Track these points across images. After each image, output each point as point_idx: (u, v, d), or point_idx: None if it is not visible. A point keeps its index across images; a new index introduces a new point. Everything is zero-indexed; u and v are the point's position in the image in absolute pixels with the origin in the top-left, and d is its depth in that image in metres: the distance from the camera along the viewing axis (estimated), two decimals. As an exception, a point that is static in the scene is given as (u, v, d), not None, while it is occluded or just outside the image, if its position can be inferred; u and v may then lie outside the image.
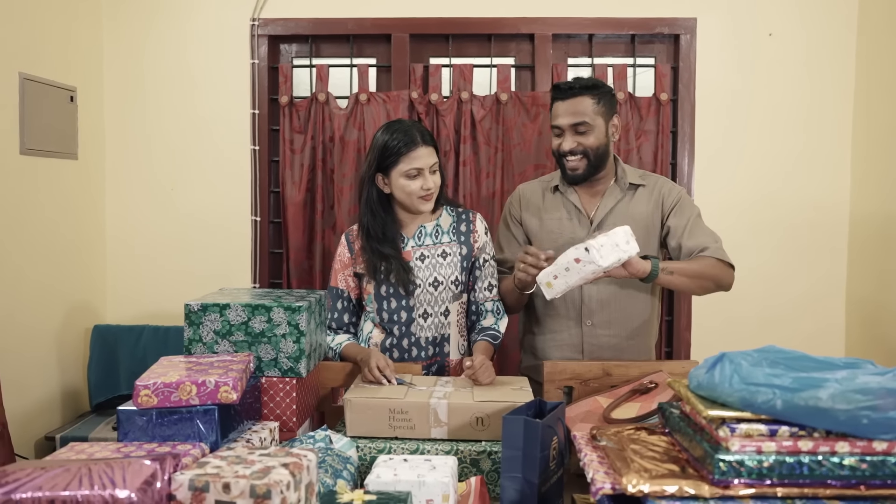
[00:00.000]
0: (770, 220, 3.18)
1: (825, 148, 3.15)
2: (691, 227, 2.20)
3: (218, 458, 1.30)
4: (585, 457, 1.34)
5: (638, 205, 2.24)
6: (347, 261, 2.25)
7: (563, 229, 2.25)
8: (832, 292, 3.19)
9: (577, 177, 2.20)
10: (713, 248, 2.16)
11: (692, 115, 3.16)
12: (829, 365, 1.22)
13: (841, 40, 3.12)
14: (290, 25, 3.15)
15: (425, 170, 2.13)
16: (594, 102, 2.14)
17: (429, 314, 2.21)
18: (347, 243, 2.27)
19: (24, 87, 2.63)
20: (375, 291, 2.21)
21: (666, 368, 1.96)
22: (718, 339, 3.15)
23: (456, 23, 3.14)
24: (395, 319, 2.20)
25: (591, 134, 2.15)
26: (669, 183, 2.30)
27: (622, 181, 2.25)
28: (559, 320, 2.26)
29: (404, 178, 2.13)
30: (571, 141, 2.15)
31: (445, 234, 2.25)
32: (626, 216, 2.21)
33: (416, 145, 2.12)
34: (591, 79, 2.21)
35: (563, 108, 2.15)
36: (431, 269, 2.21)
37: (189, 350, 1.83)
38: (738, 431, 1.14)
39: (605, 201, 2.24)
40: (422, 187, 2.13)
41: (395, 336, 2.21)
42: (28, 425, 2.69)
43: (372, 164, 2.17)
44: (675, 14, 3.13)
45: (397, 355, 2.21)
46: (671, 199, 2.24)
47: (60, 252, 2.90)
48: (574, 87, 2.14)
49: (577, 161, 2.17)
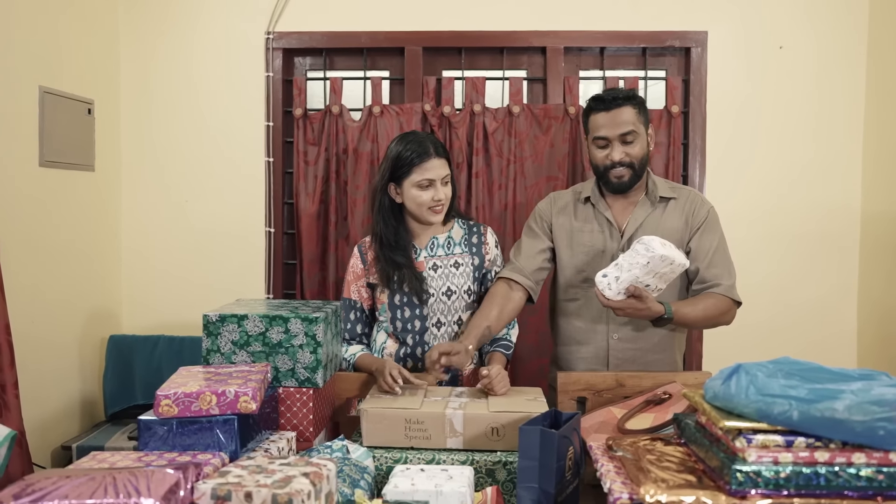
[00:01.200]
0: (780, 230, 3.19)
1: (835, 159, 3.17)
2: (713, 256, 2.21)
3: (239, 468, 1.32)
4: (602, 467, 1.36)
5: (668, 218, 2.24)
6: (360, 272, 2.28)
7: (595, 241, 2.25)
8: (843, 300, 3.20)
9: (623, 186, 2.20)
10: (726, 286, 2.18)
11: (703, 127, 3.17)
12: (843, 376, 1.23)
13: (851, 52, 3.14)
14: (305, 39, 3.19)
15: (437, 181, 2.16)
16: (636, 112, 2.15)
17: (442, 323, 2.24)
18: (360, 254, 2.29)
19: (43, 100, 2.67)
20: (389, 301, 2.24)
21: (679, 379, 1.97)
22: (730, 349, 3.14)
23: (468, 36, 3.17)
24: (408, 329, 2.23)
25: (638, 143, 2.16)
26: (700, 198, 2.29)
27: (653, 193, 2.24)
28: (586, 334, 2.27)
29: (416, 189, 2.16)
30: (620, 151, 2.15)
31: (458, 246, 2.28)
32: (656, 229, 2.20)
33: (428, 156, 2.15)
34: (629, 89, 2.23)
35: (607, 118, 2.15)
36: (444, 278, 2.23)
37: (207, 360, 1.85)
38: (755, 442, 1.15)
39: (637, 214, 2.24)
40: (433, 198, 2.16)
41: (409, 346, 2.23)
42: (44, 435, 2.71)
43: (385, 173, 2.20)
44: (686, 27, 3.15)
45: (411, 365, 2.23)
46: (699, 217, 2.24)
47: (77, 263, 2.93)
48: (618, 98, 2.15)
49: (624, 171, 2.17)
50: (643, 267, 1.89)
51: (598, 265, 2.18)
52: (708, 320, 2.18)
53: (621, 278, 1.91)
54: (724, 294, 2.17)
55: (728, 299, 2.17)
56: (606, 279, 1.93)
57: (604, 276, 1.93)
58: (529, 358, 3.11)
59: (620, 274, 1.91)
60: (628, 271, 1.90)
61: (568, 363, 2.30)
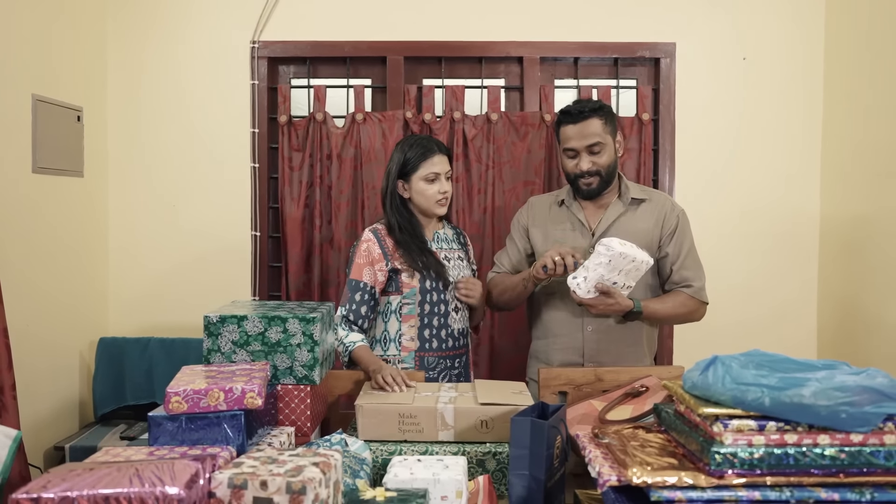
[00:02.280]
0: (745, 233, 3.32)
1: (796, 164, 3.31)
2: (684, 258, 2.38)
3: (251, 459, 1.39)
4: (590, 453, 1.46)
5: (640, 220, 2.37)
6: (378, 255, 2.37)
7: (567, 239, 2.38)
8: (805, 299, 3.33)
9: (592, 192, 2.34)
10: (696, 287, 2.36)
11: (672, 133, 3.30)
12: (809, 366, 1.34)
13: (809, 64, 3.29)
14: (289, 48, 3.25)
15: (441, 175, 2.34)
16: (602, 123, 2.28)
17: (458, 308, 2.43)
18: (377, 239, 2.38)
19: (36, 108, 2.70)
20: (420, 285, 2.36)
21: (654, 373, 2.09)
22: (698, 345, 3.27)
23: (448, 46, 3.26)
24: (435, 311, 2.37)
25: (604, 153, 2.29)
26: (671, 202, 2.43)
27: (625, 196, 2.38)
28: (562, 325, 2.39)
29: (424, 182, 2.34)
30: (587, 161, 2.28)
31: (454, 242, 2.49)
32: (627, 230, 2.33)
33: (433, 153, 2.34)
34: (596, 101, 2.35)
35: (575, 130, 2.28)
36: (457, 269, 2.43)
37: (208, 360, 1.91)
38: (731, 427, 1.26)
39: (608, 214, 2.37)
40: (439, 191, 2.35)
41: (435, 327, 2.38)
42: (37, 435, 2.74)
43: (393, 172, 2.37)
44: (656, 39, 3.28)
45: (435, 345, 2.38)
46: (671, 222, 2.38)
47: (67, 267, 2.96)
48: (584, 111, 2.27)
49: (592, 179, 2.31)
50: (606, 266, 2.09)
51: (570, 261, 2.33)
52: (677, 316, 2.39)
53: (589, 277, 2.11)
54: (693, 295, 2.34)
55: (695, 300, 2.35)
56: (576, 280, 2.13)
57: (573, 277, 2.13)
58: (513, 353, 3.22)
59: (588, 274, 2.11)
60: (594, 270, 2.10)
61: (546, 354, 2.42)
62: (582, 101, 2.33)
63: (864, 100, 2.98)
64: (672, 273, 2.37)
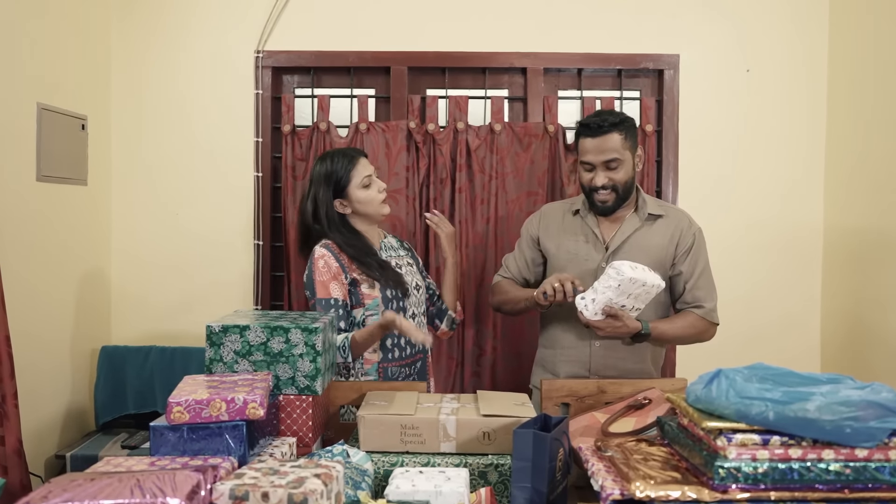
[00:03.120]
0: (749, 244, 3.31)
1: (800, 176, 3.31)
2: (697, 278, 2.34)
3: (253, 470, 1.39)
4: (593, 466, 1.45)
5: (655, 236, 2.33)
6: (337, 269, 2.31)
7: (580, 252, 2.35)
8: (808, 311, 3.32)
9: (607, 209, 2.30)
10: (708, 308, 2.32)
11: (676, 145, 3.30)
12: (812, 380, 1.34)
13: (813, 75, 3.29)
14: (293, 57, 3.26)
15: (373, 175, 2.35)
16: (622, 138, 2.23)
17: (416, 314, 2.41)
18: (332, 254, 2.33)
19: (41, 116, 2.71)
20: (382, 295, 2.33)
21: (657, 386, 2.07)
22: (701, 357, 3.25)
23: (452, 56, 3.27)
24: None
25: (622, 169, 2.24)
26: (688, 220, 2.39)
27: (642, 211, 2.34)
28: (570, 339, 2.37)
29: (362, 190, 2.33)
30: (603, 177, 2.24)
31: (400, 249, 2.50)
32: (641, 246, 2.31)
33: (356, 157, 2.35)
34: (617, 113, 2.28)
35: (594, 144, 2.23)
36: (410, 275, 2.41)
37: (210, 369, 1.90)
38: (735, 441, 1.25)
39: (624, 229, 2.33)
40: (378, 191, 2.35)
41: (396, 335, 2.36)
42: (37, 444, 2.73)
43: (326, 195, 2.34)
44: (660, 50, 3.28)
45: (397, 354, 2.36)
46: (687, 241, 2.34)
47: (70, 276, 2.96)
48: (604, 126, 2.21)
49: (607, 195, 2.27)
50: (615, 290, 2.05)
51: (582, 271, 2.31)
52: (686, 338, 2.35)
53: (597, 300, 2.08)
54: (703, 316, 2.31)
55: (706, 321, 2.32)
56: (584, 301, 2.10)
57: (581, 298, 2.11)
58: (510, 366, 3.21)
59: (596, 296, 2.08)
60: (602, 293, 2.07)
61: (553, 365, 2.41)
62: (603, 114, 2.26)
63: (868, 111, 2.98)
64: (685, 292, 2.34)
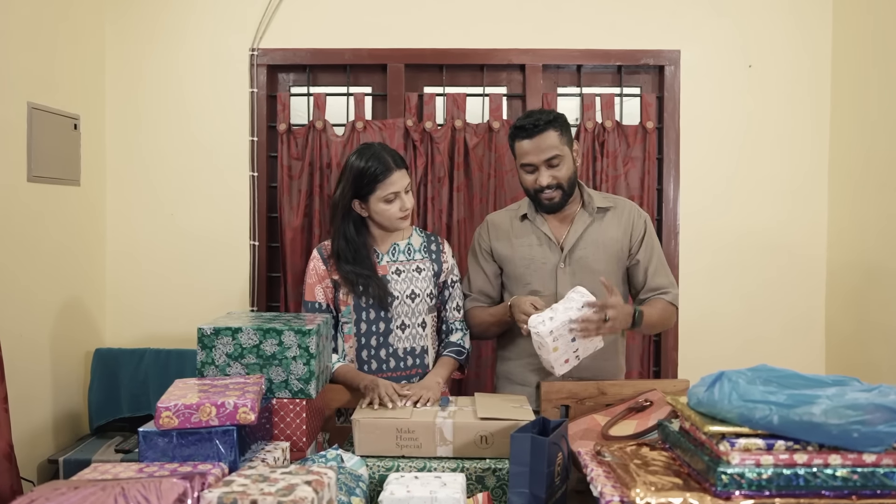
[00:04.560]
0: (751, 242, 3.28)
1: (802, 173, 3.27)
2: (656, 266, 2.33)
3: (242, 477, 1.35)
4: (592, 471, 1.41)
5: (608, 229, 2.32)
6: (323, 272, 2.29)
7: (535, 255, 2.33)
8: (813, 312, 3.29)
9: (554, 206, 2.28)
10: (671, 294, 2.32)
11: (677, 142, 3.26)
12: (818, 382, 1.30)
13: (816, 71, 3.25)
14: (289, 55, 3.23)
15: (401, 192, 2.22)
16: (558, 134, 2.22)
17: (406, 325, 2.28)
18: (321, 256, 2.31)
19: (31, 115, 2.68)
20: (355, 303, 2.26)
21: (658, 387, 2.04)
22: (704, 359, 3.24)
23: (449, 53, 3.24)
24: (372, 330, 2.26)
25: (563, 165, 2.23)
26: (636, 209, 2.38)
27: (589, 206, 2.33)
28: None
29: (383, 203, 2.21)
30: (547, 176, 2.22)
31: (417, 252, 2.35)
32: (597, 242, 2.30)
33: (390, 171, 2.19)
34: (549, 111, 2.27)
35: (532, 145, 2.22)
36: (408, 282, 2.29)
37: (202, 372, 1.87)
38: (738, 446, 1.22)
39: (575, 227, 2.32)
40: (400, 209, 2.23)
41: (373, 346, 2.26)
42: (30, 448, 2.70)
43: (348, 191, 2.23)
44: (660, 46, 3.25)
45: (375, 366, 2.26)
46: (639, 229, 2.34)
47: (63, 277, 2.93)
48: (539, 125, 2.20)
49: (553, 192, 2.25)
50: (577, 311, 2.00)
51: (542, 274, 2.31)
52: (661, 325, 2.32)
53: (555, 318, 2.00)
54: (671, 302, 2.31)
55: (673, 306, 2.32)
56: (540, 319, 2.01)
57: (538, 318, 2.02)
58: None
59: (554, 315, 2.01)
60: (563, 313, 2.00)
61: (522, 376, 2.36)
62: (535, 114, 2.25)
63: (873, 108, 2.94)
64: (647, 280, 2.33)
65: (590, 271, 2.28)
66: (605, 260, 2.30)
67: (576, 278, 2.27)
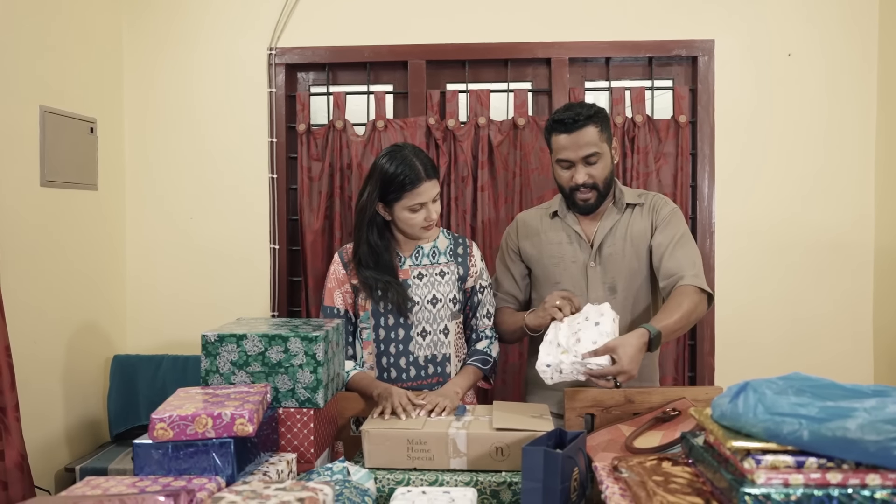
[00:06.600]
0: (792, 241, 3.14)
1: (847, 168, 3.12)
2: (673, 247, 2.16)
3: (233, 493, 1.29)
4: (607, 489, 1.32)
5: (635, 223, 2.24)
6: (343, 277, 2.23)
7: (564, 253, 2.25)
8: (858, 314, 3.13)
9: (590, 207, 2.19)
10: (689, 276, 2.11)
11: (712, 136, 3.13)
12: (857, 393, 1.18)
13: (861, 58, 3.09)
14: (308, 54, 3.18)
15: (428, 202, 2.13)
16: (598, 130, 2.13)
17: (427, 332, 2.20)
18: (342, 261, 2.25)
19: (44, 119, 2.66)
20: (373, 308, 2.19)
21: (688, 395, 1.92)
22: (741, 364, 3.10)
23: (472, 48, 3.15)
24: (391, 337, 2.19)
25: (601, 163, 2.14)
26: (663, 199, 2.28)
27: (620, 202, 2.24)
28: None
29: (408, 212, 2.13)
30: (584, 173, 2.14)
31: (442, 255, 2.26)
32: (624, 236, 2.22)
33: (420, 181, 2.10)
34: (590, 105, 2.18)
35: (569, 140, 2.13)
36: (430, 286, 2.21)
37: (206, 381, 1.82)
38: (764, 463, 1.10)
39: (604, 223, 2.24)
40: (425, 219, 2.14)
41: (392, 354, 2.18)
42: (48, 457, 2.69)
43: (374, 194, 2.15)
44: (693, 36, 3.12)
45: (395, 375, 2.18)
46: (661, 215, 2.22)
47: (80, 283, 2.92)
48: (578, 119, 2.11)
49: (588, 193, 2.16)
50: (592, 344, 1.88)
51: (572, 272, 2.23)
52: (686, 320, 2.06)
53: (564, 372, 1.88)
54: (689, 283, 2.09)
55: (695, 289, 2.08)
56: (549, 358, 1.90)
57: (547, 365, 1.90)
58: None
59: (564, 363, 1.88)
60: (571, 367, 1.88)
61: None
62: (575, 107, 2.15)
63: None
64: (662, 265, 2.17)
65: (619, 269, 2.20)
66: (634, 256, 2.21)
67: (606, 276, 2.20)
